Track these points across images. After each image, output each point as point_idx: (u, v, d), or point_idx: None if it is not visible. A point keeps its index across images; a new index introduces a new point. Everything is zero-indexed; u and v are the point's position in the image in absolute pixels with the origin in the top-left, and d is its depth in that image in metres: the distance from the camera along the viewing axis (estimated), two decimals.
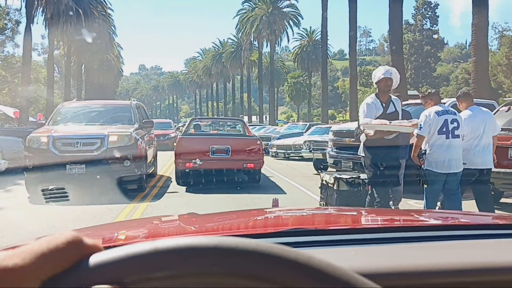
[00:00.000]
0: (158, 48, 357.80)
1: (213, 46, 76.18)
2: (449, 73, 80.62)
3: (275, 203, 2.64)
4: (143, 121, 9.94)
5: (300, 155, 16.18)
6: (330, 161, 9.79)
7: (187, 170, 9.46)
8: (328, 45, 55.66)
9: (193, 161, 9.24)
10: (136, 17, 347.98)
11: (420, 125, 5.68)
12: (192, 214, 1.88)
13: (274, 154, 18.05)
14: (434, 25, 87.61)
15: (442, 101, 6.67)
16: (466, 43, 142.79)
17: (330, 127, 18.28)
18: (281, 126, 35.01)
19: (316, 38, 57.06)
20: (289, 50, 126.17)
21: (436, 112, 5.77)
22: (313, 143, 11.73)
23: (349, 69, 42.35)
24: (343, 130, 9.73)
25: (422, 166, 5.83)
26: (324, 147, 11.30)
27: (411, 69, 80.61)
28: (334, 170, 9.07)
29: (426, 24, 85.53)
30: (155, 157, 11.37)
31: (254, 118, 63.27)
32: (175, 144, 21.28)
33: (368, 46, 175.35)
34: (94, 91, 57.73)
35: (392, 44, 19.31)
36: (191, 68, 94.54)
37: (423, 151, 5.86)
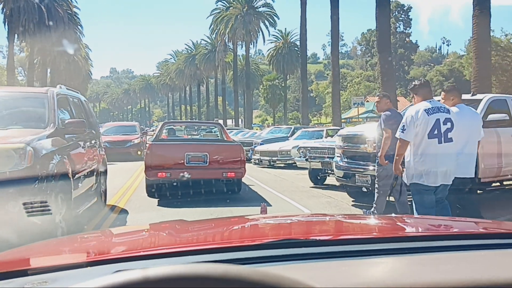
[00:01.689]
0: (130, 51, 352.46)
1: (186, 48, 74.25)
2: (421, 76, 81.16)
3: (263, 209, 2.52)
4: (67, 121, 5.84)
5: (288, 162, 14.51)
6: (338, 173, 7.92)
7: (159, 181, 8.46)
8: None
9: (166, 170, 8.25)
10: (108, 20, 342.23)
11: (404, 126, 4.67)
12: (181, 221, 1.93)
13: (257, 161, 16.14)
14: (408, 28, 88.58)
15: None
16: (436, 47, 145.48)
17: (320, 130, 16.75)
18: (257, 129, 34.02)
19: (292, 40, 56.16)
20: (263, 54, 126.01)
21: (425, 110, 4.63)
22: (310, 150, 9.91)
23: (323, 73, 41.55)
24: (357, 134, 7.75)
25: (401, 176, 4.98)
26: (324, 155, 9.62)
27: None
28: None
29: (399, 27, 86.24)
30: (100, 179, 7.36)
31: (229, 121, 61.68)
32: (139, 152, 17.57)
33: (341, 50, 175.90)
34: None
35: (379, 43, 18.59)
36: (163, 71, 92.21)
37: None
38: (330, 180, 10.11)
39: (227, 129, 26.44)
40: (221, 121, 43.71)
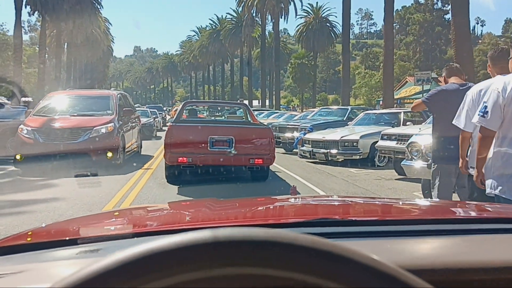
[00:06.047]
0: (154, 30, 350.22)
1: (210, 24, 70.72)
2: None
3: (293, 191, 2.44)
4: None
5: (353, 157, 10.54)
6: None
7: (179, 167, 7.97)
8: (334, 25, 50.99)
9: (187, 155, 7.75)
10: None
11: (485, 106, 2.90)
12: (213, 200, 1.87)
13: (306, 154, 11.76)
14: (446, 5, 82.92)
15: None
16: (469, 28, 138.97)
17: (391, 113, 12.28)
18: (283, 111, 31.11)
19: (323, 15, 52.06)
20: (288, 33, 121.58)
21: None
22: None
23: (350, 53, 38.21)
24: None
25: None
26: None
27: (420, 52, 76.40)
28: None
29: (437, 3, 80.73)
30: None
31: (254, 102, 58.26)
32: (110, 154, 9.91)
33: (370, 30, 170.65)
34: (80, 71, 52.41)
35: (455, 4, 16.99)
36: (186, 49, 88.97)
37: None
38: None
39: (255, 110, 23.00)
40: (246, 102, 40.25)
